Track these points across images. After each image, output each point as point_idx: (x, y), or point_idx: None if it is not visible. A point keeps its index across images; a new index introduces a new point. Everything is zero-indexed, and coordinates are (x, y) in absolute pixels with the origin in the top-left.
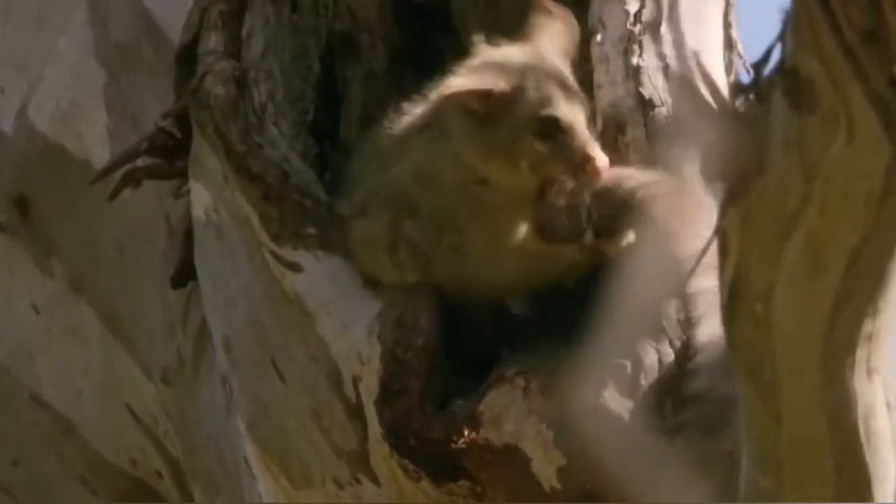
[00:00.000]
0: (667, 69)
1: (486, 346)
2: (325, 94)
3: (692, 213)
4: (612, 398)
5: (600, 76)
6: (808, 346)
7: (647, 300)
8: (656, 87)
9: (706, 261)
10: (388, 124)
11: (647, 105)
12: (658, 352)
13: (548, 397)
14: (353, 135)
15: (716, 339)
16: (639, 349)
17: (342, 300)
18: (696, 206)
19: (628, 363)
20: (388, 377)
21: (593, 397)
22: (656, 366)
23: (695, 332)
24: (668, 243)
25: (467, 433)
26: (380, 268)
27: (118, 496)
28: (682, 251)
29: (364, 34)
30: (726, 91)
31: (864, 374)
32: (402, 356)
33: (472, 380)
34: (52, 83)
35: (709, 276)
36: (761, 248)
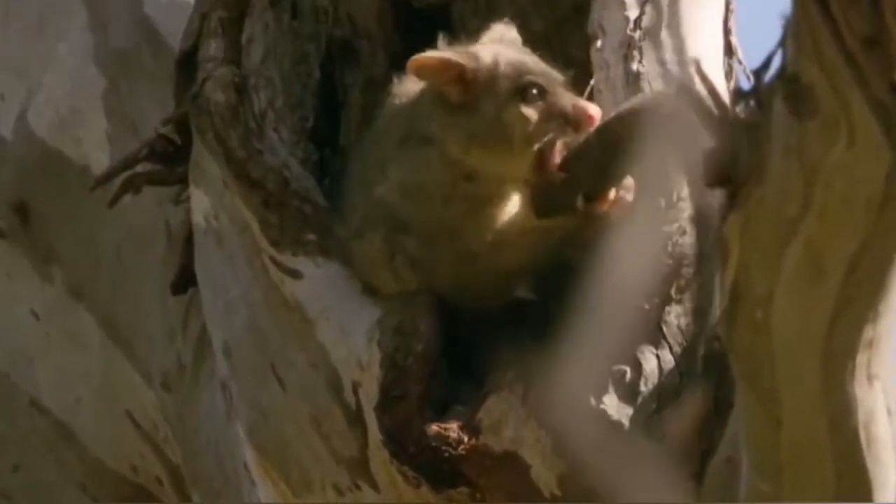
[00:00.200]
0: (667, 75)
1: (485, 351)
2: (325, 100)
3: (686, 123)
4: (612, 404)
5: (600, 82)
6: (807, 351)
7: (637, 273)
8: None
9: None
10: (366, 141)
11: None
12: (658, 358)
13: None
14: (352, 141)
15: None
16: (639, 355)
17: (342, 306)
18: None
19: (628, 369)
20: (388, 383)
21: (593, 403)
22: (656, 372)
23: None
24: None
25: (467, 439)
26: (383, 283)
27: (118, 502)
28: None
29: (364, 41)
30: (727, 97)
31: (865, 380)
32: (402, 362)
33: (472, 386)
34: (52, 89)
35: None
36: (761, 253)
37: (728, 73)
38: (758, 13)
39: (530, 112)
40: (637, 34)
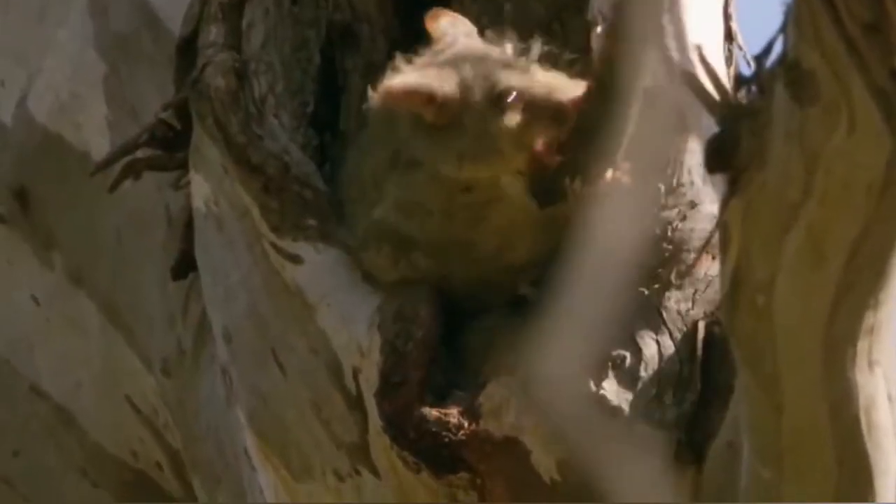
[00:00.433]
0: (668, 61)
1: (485, 337)
2: (326, 85)
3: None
4: (611, 389)
5: None
6: (809, 337)
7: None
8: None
9: None
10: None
11: None
12: (658, 343)
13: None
14: (352, 127)
15: None
16: (638, 340)
17: (342, 292)
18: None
19: (628, 354)
20: (388, 369)
21: (593, 389)
22: (656, 357)
23: None
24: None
25: (467, 425)
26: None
27: (118, 487)
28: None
29: (364, 25)
30: (728, 83)
31: (866, 366)
32: (402, 348)
33: (472, 372)
34: (52, 74)
35: None
36: (762, 239)
37: (728, 59)
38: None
39: (512, 121)
40: None
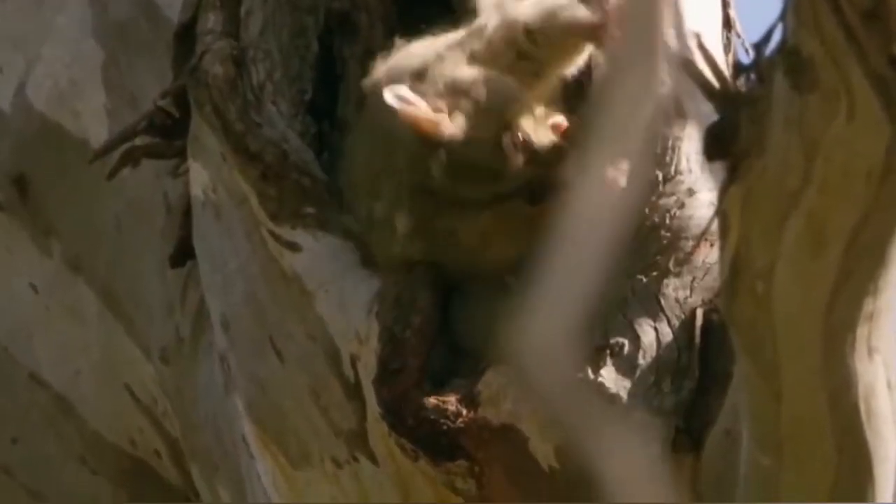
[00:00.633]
0: (666, 49)
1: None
2: (324, 73)
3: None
4: (609, 377)
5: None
6: (808, 324)
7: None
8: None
9: None
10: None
11: None
12: (656, 330)
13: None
14: (350, 114)
15: None
16: (636, 328)
17: (341, 279)
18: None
19: (626, 342)
20: (387, 356)
21: (591, 376)
22: (654, 345)
23: None
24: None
25: (465, 412)
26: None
27: (117, 475)
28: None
29: (362, 13)
30: (727, 71)
31: (865, 354)
32: (401, 335)
33: (471, 360)
34: (51, 62)
35: None
36: (762, 226)
37: (727, 47)
38: None
39: (515, 154)
40: None
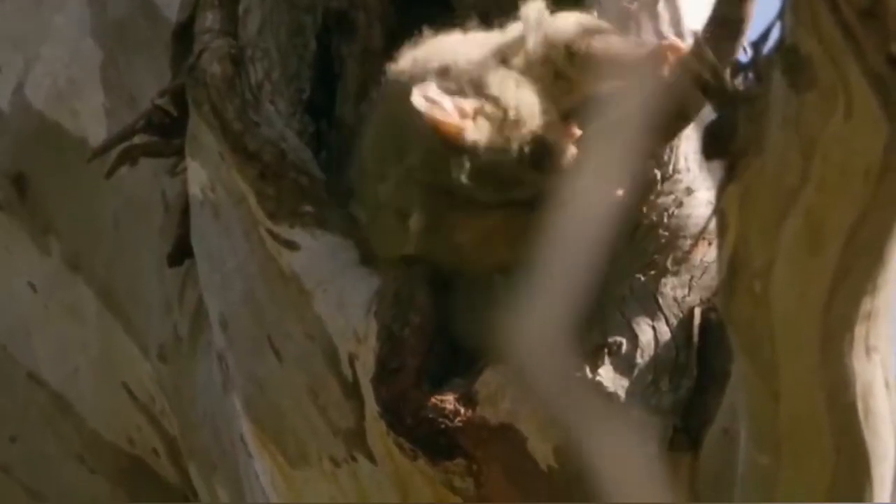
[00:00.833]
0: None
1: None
2: (322, 72)
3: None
4: (607, 376)
5: None
6: (806, 323)
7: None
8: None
9: None
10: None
11: None
12: (654, 329)
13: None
14: (348, 113)
15: None
16: (634, 327)
17: (339, 278)
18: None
19: (624, 341)
20: (385, 355)
21: (589, 374)
22: (652, 344)
23: None
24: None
25: (463, 411)
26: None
27: (115, 474)
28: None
29: (360, 12)
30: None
31: (863, 353)
32: (399, 334)
33: (470, 359)
34: (49, 61)
35: None
36: (760, 225)
37: None
38: None
39: (526, 175)
40: (634, 6)
